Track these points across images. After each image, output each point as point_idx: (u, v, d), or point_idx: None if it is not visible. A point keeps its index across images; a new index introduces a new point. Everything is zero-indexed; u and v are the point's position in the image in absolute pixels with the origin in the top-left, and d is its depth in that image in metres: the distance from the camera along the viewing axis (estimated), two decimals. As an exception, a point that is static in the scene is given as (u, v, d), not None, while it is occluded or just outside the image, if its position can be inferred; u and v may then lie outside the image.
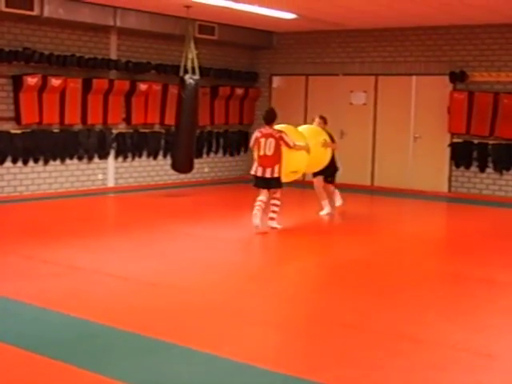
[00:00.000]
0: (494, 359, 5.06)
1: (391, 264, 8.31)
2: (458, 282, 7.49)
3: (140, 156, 14.50)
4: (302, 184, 15.80)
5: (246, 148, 16.90)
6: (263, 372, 4.71)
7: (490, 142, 14.06)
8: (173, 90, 14.07)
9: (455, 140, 14.45)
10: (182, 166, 13.21)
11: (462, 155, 14.37)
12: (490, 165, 14.15)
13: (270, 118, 9.97)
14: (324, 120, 11.74)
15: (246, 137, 16.84)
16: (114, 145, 13.97)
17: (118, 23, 13.14)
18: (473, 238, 10.27)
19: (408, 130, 15.01)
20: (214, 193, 14.56)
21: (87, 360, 4.85)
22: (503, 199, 13.82)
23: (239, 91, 16.13)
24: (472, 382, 4.67)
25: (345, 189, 14.76)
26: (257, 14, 13.04)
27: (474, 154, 14.27)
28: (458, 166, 14.48)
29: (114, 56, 13.85)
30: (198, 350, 5.06)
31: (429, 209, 13.07)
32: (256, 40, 16.16)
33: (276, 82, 16.77)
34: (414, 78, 14.94)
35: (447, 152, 14.57)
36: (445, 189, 14.65)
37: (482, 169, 14.21)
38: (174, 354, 5.02)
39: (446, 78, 14.39)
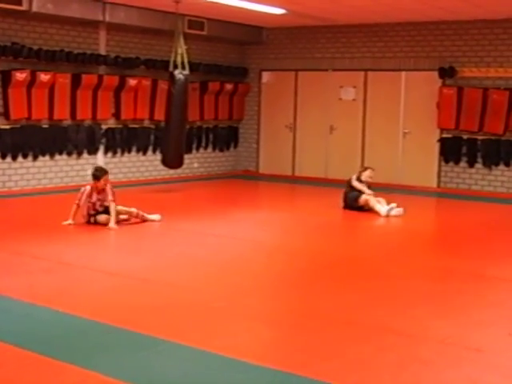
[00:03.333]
0: (482, 353, 5.08)
1: (380, 259, 8.32)
2: (448, 276, 7.50)
3: (129, 151, 14.49)
4: (293, 179, 15.84)
5: (236, 143, 16.93)
6: (254, 367, 4.71)
7: (479, 138, 14.11)
8: (162, 86, 14.06)
9: (444, 135, 14.49)
10: (172, 161, 13.19)
11: (451, 150, 14.41)
12: (479, 160, 14.20)
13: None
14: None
15: (235, 132, 16.87)
16: (104, 140, 13.95)
17: (107, 18, 13.10)
18: (462, 232, 10.30)
19: (397, 126, 15.04)
20: (204, 188, 14.56)
21: (77, 356, 4.84)
22: (492, 194, 13.86)
23: (229, 86, 16.12)
24: (461, 376, 4.68)
25: (334, 184, 14.81)
26: (246, 10, 13.04)
27: (463, 150, 14.32)
28: (447, 162, 14.52)
29: (103, 51, 13.81)
30: (188, 346, 5.05)
31: (418, 204, 13.08)
32: (245, 35, 16.14)
33: (266, 77, 16.76)
34: (403, 73, 14.96)
35: (436, 147, 14.61)
36: (434, 184, 14.69)
37: (471, 164, 14.26)
38: (164, 350, 5.01)
39: (436, 74, 14.42)
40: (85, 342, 5.15)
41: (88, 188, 9.73)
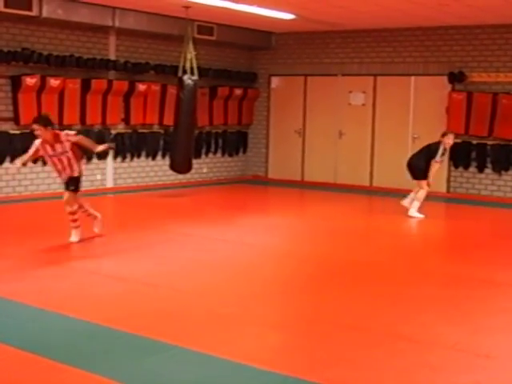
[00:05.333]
0: (492, 360, 5.07)
1: (390, 264, 8.31)
2: (457, 282, 7.48)
3: (139, 156, 14.51)
4: (302, 184, 15.83)
5: (245, 148, 16.93)
6: (262, 372, 4.71)
7: (489, 143, 14.08)
8: (171, 91, 14.07)
9: (454, 140, 14.42)
10: (181, 166, 13.22)
11: (460, 156, 14.37)
12: (489, 165, 14.17)
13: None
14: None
15: (244, 137, 16.88)
16: (113, 145, 13.93)
17: (117, 23, 13.14)
18: (471, 238, 10.28)
19: (407, 131, 15.01)
20: (213, 193, 14.57)
21: (86, 361, 4.85)
22: (502, 200, 13.83)
23: (238, 92, 16.13)
24: (470, 382, 4.67)
25: (344, 189, 14.82)
26: (255, 15, 13.04)
27: (473, 155, 14.29)
28: (456, 167, 14.50)
29: (112, 56, 13.85)
30: (198, 351, 5.06)
31: (427, 209, 13.02)
32: (255, 40, 16.16)
33: (275, 82, 16.76)
34: (412, 78, 14.94)
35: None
36: (443, 189, 14.65)
37: (481, 169, 14.23)
38: (173, 355, 5.02)
39: (445, 79, 14.40)
40: (94, 347, 5.15)
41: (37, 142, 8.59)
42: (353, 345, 5.34)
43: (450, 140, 11.72)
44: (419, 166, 11.76)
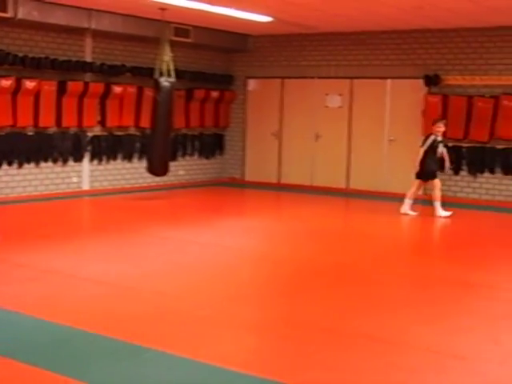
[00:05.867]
0: (466, 361, 5.10)
1: (366, 266, 8.33)
2: (432, 283, 7.52)
3: (115, 159, 14.46)
4: (279, 187, 15.85)
5: (222, 151, 16.93)
6: (238, 375, 4.71)
7: (464, 145, 14.17)
8: (148, 93, 14.05)
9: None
10: (157, 168, 13.17)
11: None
12: (464, 167, 14.26)
13: None
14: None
15: (221, 139, 16.87)
16: (89, 147, 13.91)
17: (93, 25, 13.08)
18: (447, 240, 10.34)
19: (383, 133, 15.08)
20: (190, 196, 14.55)
21: (61, 365, 4.82)
22: (477, 202, 13.92)
23: (214, 94, 16.12)
24: (445, 383, 4.69)
25: (320, 191, 14.86)
26: (232, 17, 13.04)
27: (449, 157, 14.35)
28: (432, 169, 14.55)
29: (88, 58, 13.79)
30: (174, 354, 5.04)
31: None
32: (231, 43, 16.16)
33: (251, 84, 16.77)
34: (388, 81, 15.02)
35: (422, 155, 14.62)
36: (420, 191, 14.68)
37: (457, 171, 14.31)
38: (149, 358, 5.00)
39: (421, 82, 14.48)
40: (69, 351, 5.12)
41: None
42: (329, 347, 5.35)
43: (439, 128, 11.92)
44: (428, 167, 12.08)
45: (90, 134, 13.87)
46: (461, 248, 9.59)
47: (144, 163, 14.01)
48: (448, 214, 11.90)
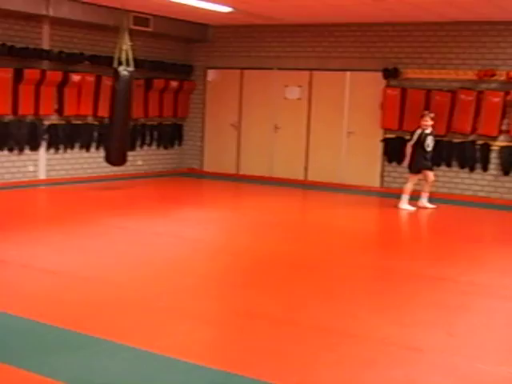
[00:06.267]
0: (422, 353, 5.13)
1: (322, 258, 8.36)
2: (388, 276, 7.57)
3: (72, 148, 14.31)
4: (238, 178, 15.84)
5: (180, 141, 16.86)
6: (195, 367, 4.69)
7: (422, 138, 14.26)
8: (106, 82, 13.91)
9: (388, 135, 14.63)
10: (115, 158, 13.06)
11: (394, 151, 14.54)
12: (422, 160, 14.35)
13: None
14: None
15: (180, 130, 16.80)
16: (46, 136, 13.76)
17: (51, 13, 12.91)
18: (403, 232, 10.41)
19: (341, 125, 15.13)
20: (148, 186, 14.48)
21: (15, 356, 4.76)
22: (433, 195, 13.99)
23: (174, 84, 16.04)
24: (401, 375, 4.73)
25: (279, 183, 14.88)
26: (193, 7, 12.98)
27: (406, 150, 14.44)
28: (390, 162, 14.67)
29: (46, 46, 13.62)
30: (129, 346, 5.01)
31: (361, 204, 13.20)
32: (191, 33, 16.08)
33: (211, 75, 16.71)
34: (348, 73, 15.05)
35: (380, 147, 14.73)
36: (377, 184, 14.82)
37: (414, 165, 14.40)
38: (104, 350, 4.96)
39: (380, 75, 14.55)
40: (22, 343, 5.06)
41: None
42: (285, 339, 5.35)
43: (425, 122, 12.07)
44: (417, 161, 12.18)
45: (46, 123, 13.72)
46: (417, 241, 9.68)
47: (102, 153, 13.89)
48: (412, 209, 11.97)
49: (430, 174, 12.29)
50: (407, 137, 14.16)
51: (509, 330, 5.85)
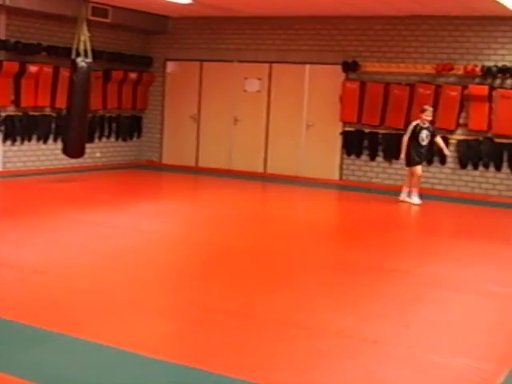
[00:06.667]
0: (378, 345, 5.17)
1: (280, 251, 8.37)
2: (346, 268, 7.61)
3: (29, 140, 14.15)
4: (197, 170, 15.80)
5: (139, 133, 16.76)
6: (152, 361, 4.66)
7: (381, 132, 14.36)
8: (64, 73, 13.76)
9: (347, 128, 14.69)
10: (73, 150, 12.94)
11: (353, 144, 14.62)
12: (380, 153, 14.45)
13: None
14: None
15: (139, 122, 16.70)
16: (2, 128, 13.58)
17: (8, 2, 12.71)
18: (361, 225, 10.46)
19: (301, 118, 15.15)
20: (106, 178, 14.37)
21: (-32, 350, 4.71)
22: (392, 187, 14.10)
23: (133, 76, 15.93)
24: (357, 367, 4.75)
25: (238, 175, 14.87)
26: (151, -2, 12.91)
27: (365, 143, 14.54)
28: (349, 155, 14.73)
29: (2, 36, 13.42)
30: (85, 340, 4.96)
31: (320, 196, 13.24)
32: (151, 24, 15.97)
33: (170, 67, 16.64)
34: (307, 66, 15.08)
35: (339, 140, 14.79)
36: (336, 177, 14.88)
37: (373, 157, 14.50)
38: (61, 344, 4.91)
39: (339, 68, 14.59)
40: (-23, 337, 5.01)
41: None
42: (242, 332, 5.35)
43: (427, 117, 12.09)
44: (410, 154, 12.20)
45: (3, 114, 13.54)
46: (375, 233, 9.72)
47: (60, 145, 13.75)
48: (418, 202, 12.04)
49: (418, 169, 12.25)
50: (366, 130, 14.36)
51: (464, 321, 5.91)
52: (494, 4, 11.60)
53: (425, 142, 12.10)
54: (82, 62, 12.42)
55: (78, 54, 12.51)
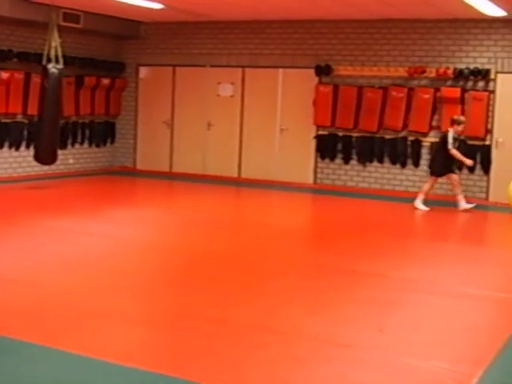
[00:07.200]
0: (352, 349, 5.16)
1: (254, 256, 8.35)
2: (320, 272, 7.59)
3: (1, 147, 14.01)
4: (171, 175, 15.74)
5: (113, 139, 16.67)
6: (124, 369, 4.62)
7: (354, 135, 14.38)
8: (36, 79, 13.65)
9: (320, 132, 14.70)
10: (45, 157, 12.85)
11: (327, 147, 14.63)
12: (354, 157, 14.47)
13: None
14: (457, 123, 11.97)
15: (112, 128, 16.61)
16: (-26, 135, 13.48)
17: (-23, 9, 12.64)
18: (335, 228, 10.46)
19: (274, 122, 15.14)
20: (80, 185, 14.27)
21: None
22: (366, 190, 14.15)
23: (105, 81, 15.84)
24: (331, 372, 4.74)
25: (212, 180, 14.83)
26: (124, 3, 12.84)
27: (339, 146, 14.55)
28: (323, 158, 14.73)
29: (-28, 43, 13.33)
30: (58, 349, 4.91)
31: (294, 200, 13.24)
32: (123, 29, 15.91)
33: (143, 72, 16.57)
34: (280, 70, 15.07)
35: (313, 144, 14.79)
36: (310, 180, 14.88)
37: (347, 161, 14.52)
38: (32, 354, 4.85)
39: (312, 72, 14.60)
40: None
41: None
42: (216, 338, 5.31)
43: (461, 128, 11.97)
44: (440, 163, 12.08)
45: (-26, 121, 13.44)
46: (349, 237, 9.72)
47: (32, 151, 13.63)
48: (471, 205, 11.93)
49: (455, 176, 12.13)
50: (340, 133, 14.36)
51: (438, 324, 5.92)
52: (465, 7, 11.66)
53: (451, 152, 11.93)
54: (53, 68, 12.34)
55: (49, 60, 12.43)
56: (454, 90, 13.43)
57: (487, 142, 13.23)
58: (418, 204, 12.05)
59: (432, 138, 13.74)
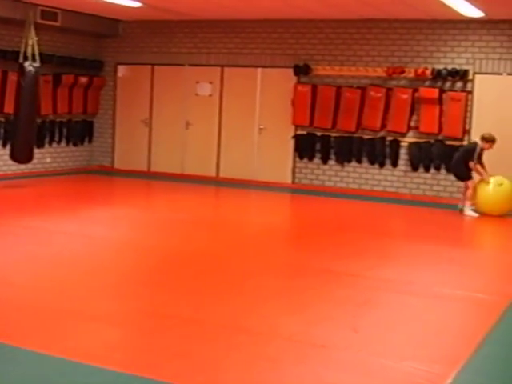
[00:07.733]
0: (327, 349, 5.14)
1: (230, 255, 8.32)
2: (297, 272, 7.57)
3: (-23, 145, 13.93)
4: (149, 175, 15.69)
5: (91, 138, 16.58)
6: (97, 370, 4.58)
7: (333, 135, 14.38)
8: (13, 77, 13.54)
9: (299, 132, 14.69)
10: (21, 155, 12.75)
11: (305, 147, 14.62)
12: (333, 157, 14.47)
13: None
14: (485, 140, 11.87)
15: (90, 126, 16.52)
16: (-50, 133, 13.35)
17: (-47, 5, 12.53)
18: (312, 228, 10.45)
19: (253, 122, 15.12)
20: (57, 184, 14.18)
21: None
22: (344, 190, 14.16)
23: (83, 80, 15.74)
24: (306, 372, 4.71)
25: (191, 180, 14.79)
26: (102, 2, 12.77)
27: (317, 146, 14.55)
28: (301, 158, 14.72)
29: (-52, 40, 13.21)
30: (27, 349, 4.86)
31: (272, 200, 13.22)
32: (101, 28, 15.82)
33: (121, 71, 16.49)
34: (259, 69, 15.05)
35: (291, 144, 14.78)
36: (289, 180, 14.86)
37: (325, 160, 14.51)
38: (3, 354, 4.80)
39: (291, 71, 14.59)
40: None
41: None
42: (191, 338, 5.28)
43: (490, 148, 11.83)
44: (460, 169, 12.05)
45: (-50, 119, 13.31)
46: (326, 237, 9.71)
47: (8, 150, 13.53)
48: (475, 215, 11.74)
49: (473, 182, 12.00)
50: (318, 133, 14.35)
51: (413, 324, 5.91)
52: (443, 7, 11.68)
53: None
54: (29, 66, 12.26)
55: (25, 58, 12.35)
56: (433, 90, 13.46)
57: (465, 143, 13.25)
58: (468, 211, 11.84)
59: (410, 138, 13.78)
